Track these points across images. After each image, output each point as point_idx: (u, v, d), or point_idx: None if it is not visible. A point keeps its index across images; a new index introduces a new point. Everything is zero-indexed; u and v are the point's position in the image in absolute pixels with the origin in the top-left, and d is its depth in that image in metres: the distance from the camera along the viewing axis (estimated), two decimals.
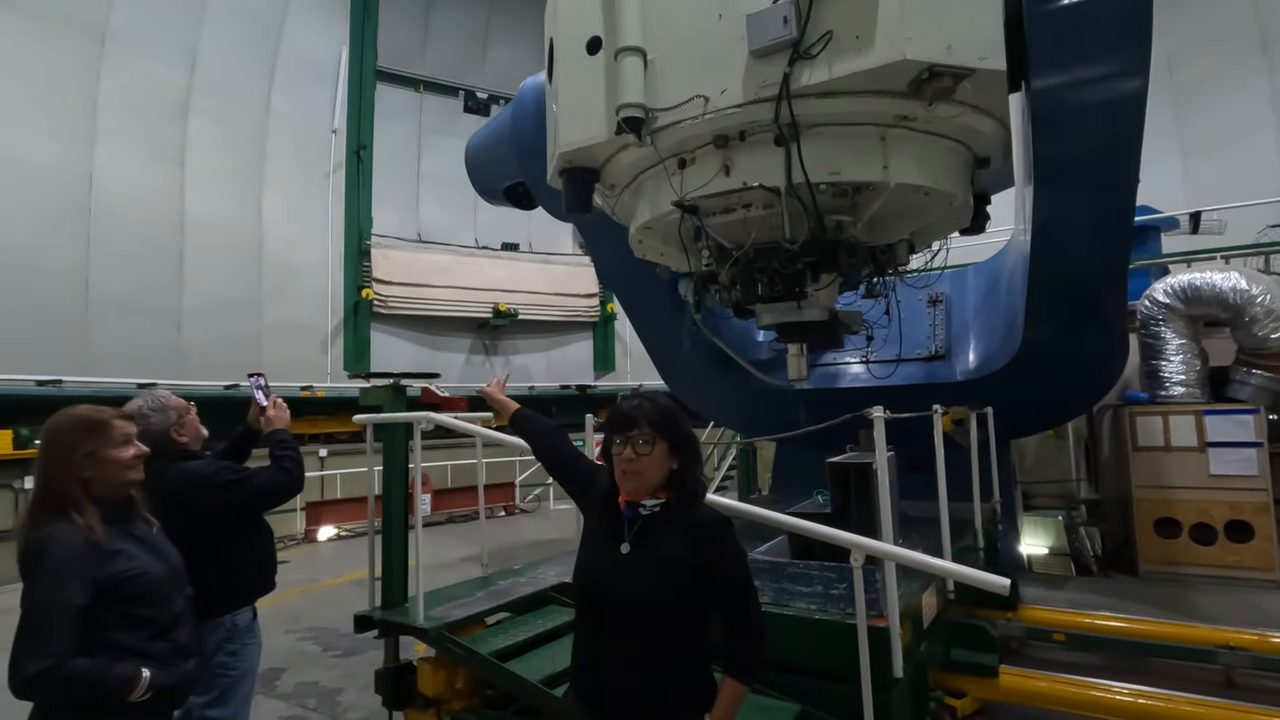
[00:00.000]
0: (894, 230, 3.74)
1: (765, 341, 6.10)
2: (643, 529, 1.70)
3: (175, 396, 2.53)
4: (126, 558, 1.84)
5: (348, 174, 13.55)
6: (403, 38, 14.31)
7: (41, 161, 9.74)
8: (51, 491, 1.81)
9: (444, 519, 11.44)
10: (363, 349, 13.46)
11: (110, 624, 1.77)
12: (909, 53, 2.69)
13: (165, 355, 10.75)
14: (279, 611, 6.34)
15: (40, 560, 1.71)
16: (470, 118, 15.27)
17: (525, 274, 15.49)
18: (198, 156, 11.50)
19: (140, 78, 10.78)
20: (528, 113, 5.02)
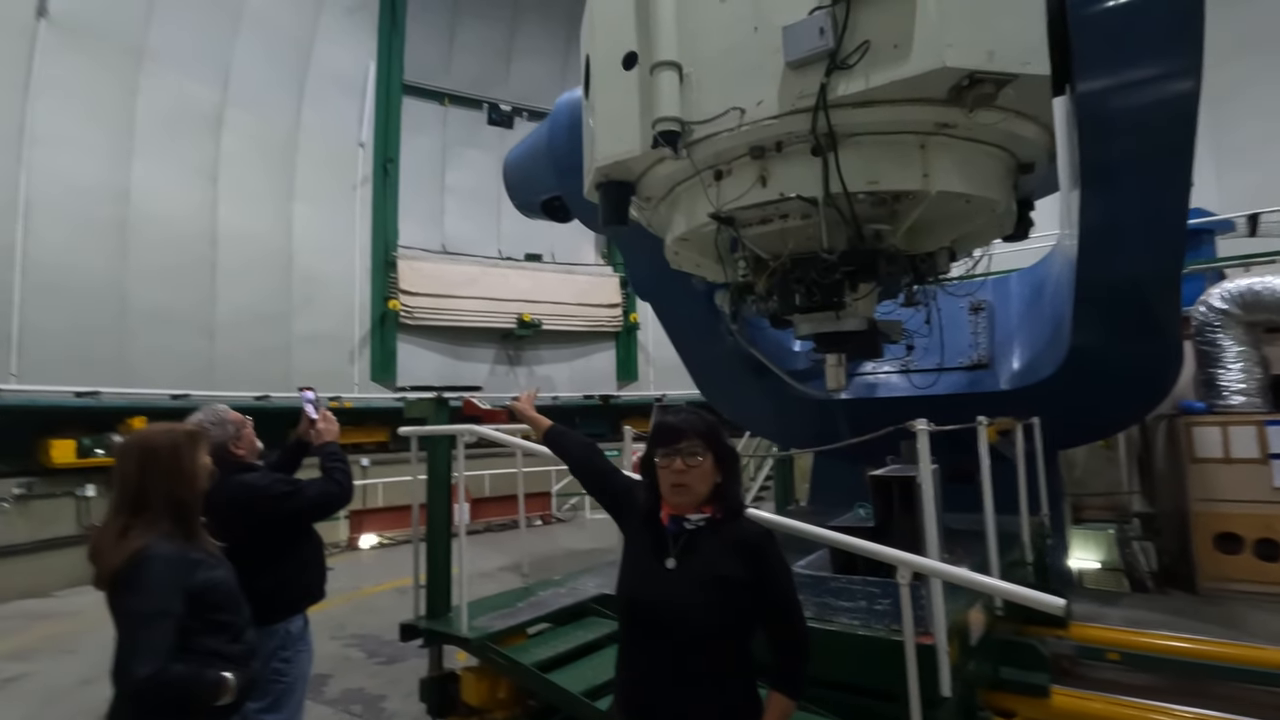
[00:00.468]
0: (934, 238, 3.69)
1: (803, 351, 6.05)
2: (687, 544, 1.69)
3: (233, 411, 2.62)
4: (206, 566, 1.92)
5: (374, 186, 13.76)
6: (428, 52, 14.55)
7: (81, 177, 9.93)
8: (147, 503, 1.88)
9: (482, 528, 11.55)
10: (389, 360, 13.61)
11: (197, 630, 1.84)
12: (949, 60, 2.66)
13: (198, 366, 10.97)
14: (324, 618, 6.48)
15: (141, 570, 1.78)
16: (494, 130, 15.47)
17: (549, 284, 15.59)
18: (231, 171, 11.73)
19: (176, 94, 11.04)
20: (564, 128, 5.09)
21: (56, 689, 5.11)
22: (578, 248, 16.59)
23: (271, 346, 11.99)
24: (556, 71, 15.90)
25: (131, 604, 1.78)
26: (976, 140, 3.15)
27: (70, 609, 7.65)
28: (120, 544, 1.83)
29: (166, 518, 1.88)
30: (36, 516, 8.67)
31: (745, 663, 1.69)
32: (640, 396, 15.82)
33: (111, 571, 1.82)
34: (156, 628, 1.75)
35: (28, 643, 6.46)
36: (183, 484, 1.92)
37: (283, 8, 12.39)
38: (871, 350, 4.11)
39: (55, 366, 9.06)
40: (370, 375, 13.33)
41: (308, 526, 2.66)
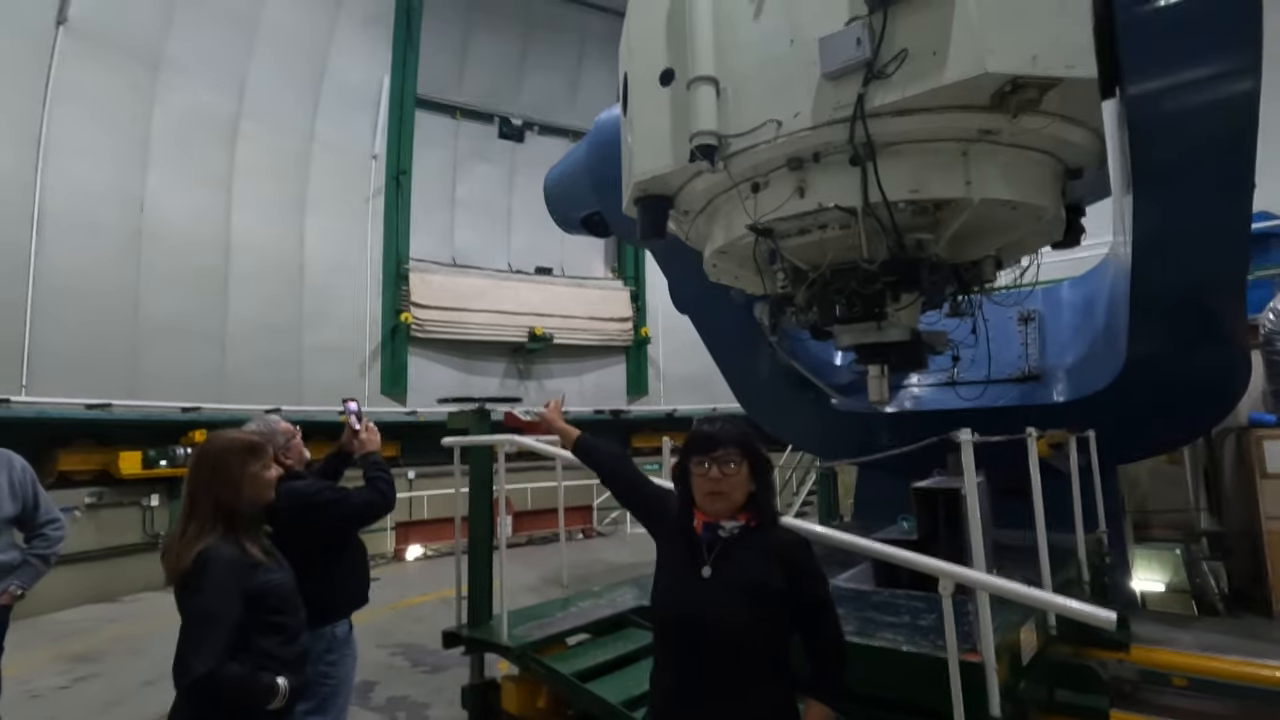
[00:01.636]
0: (979, 247, 3.62)
1: (845, 364, 5.97)
2: (722, 552, 1.69)
3: (284, 422, 2.73)
4: (266, 570, 2.00)
5: (387, 199, 13.68)
6: (441, 66, 14.52)
7: (96, 185, 9.80)
8: (212, 509, 1.97)
9: (524, 540, 11.66)
10: (400, 373, 13.48)
11: (254, 630, 1.92)
12: (991, 65, 2.63)
13: (209, 378, 10.82)
14: (371, 627, 6.62)
15: (204, 573, 1.87)
16: (505, 144, 15.46)
17: (559, 298, 15.47)
18: (244, 182, 11.65)
19: (192, 104, 10.97)
20: (602, 145, 5.17)
21: (122, 689, 5.34)
22: (588, 261, 16.47)
23: (282, 358, 11.87)
24: (568, 86, 15.90)
25: (193, 603, 1.87)
26: (1021, 146, 3.09)
27: (136, 613, 7.99)
28: (185, 546, 1.93)
29: (217, 521, 1.97)
30: (106, 525, 9.10)
31: (782, 671, 1.68)
32: (651, 411, 15.61)
33: (177, 572, 1.92)
34: (214, 627, 1.83)
35: (97, 645, 6.77)
36: (228, 491, 2.00)
37: (298, 19, 12.38)
38: (915, 362, 4.04)
39: (66, 378, 8.97)
40: (380, 388, 13.21)
41: (353, 534, 2.75)
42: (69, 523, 8.24)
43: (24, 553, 3.09)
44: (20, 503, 3.05)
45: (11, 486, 3.02)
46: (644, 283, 16.50)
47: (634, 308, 16.28)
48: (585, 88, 16.02)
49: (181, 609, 1.88)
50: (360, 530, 2.80)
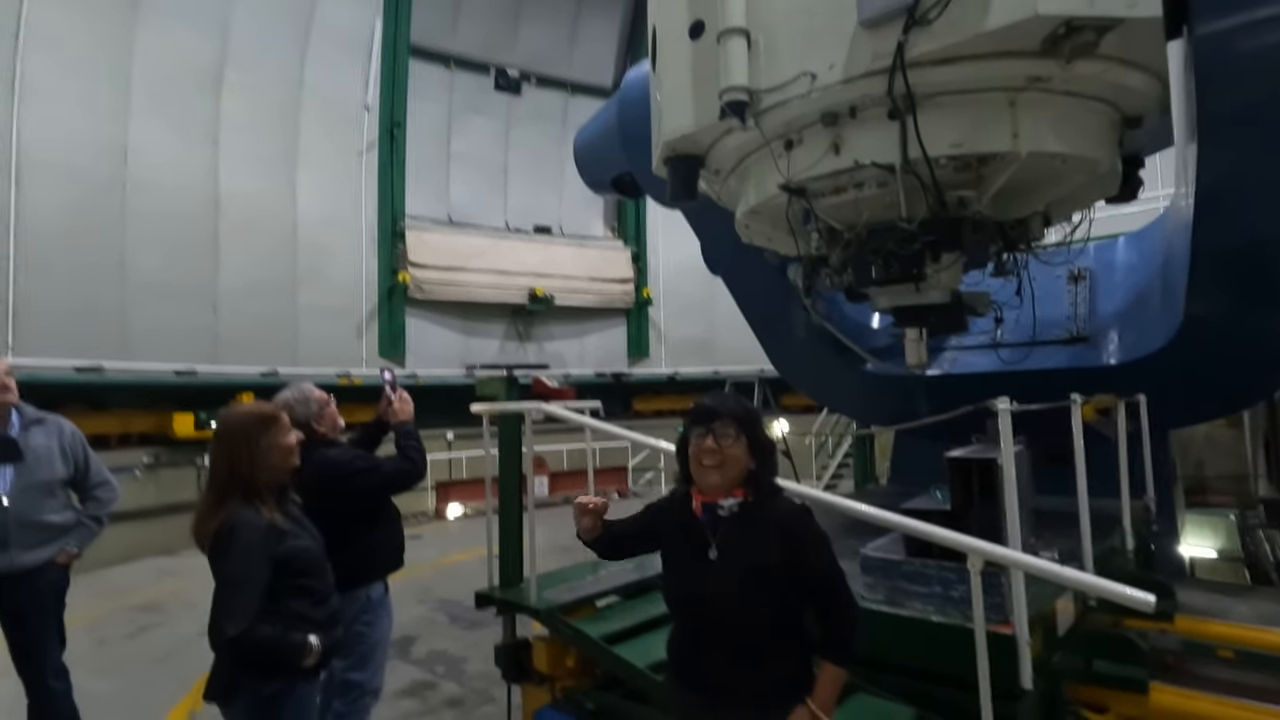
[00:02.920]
0: (1026, 203, 3.43)
1: (882, 326, 5.81)
2: (726, 532, 1.72)
3: (317, 390, 2.78)
4: (293, 536, 2.06)
5: (380, 153, 12.91)
6: (434, 13, 13.63)
7: (77, 133, 9.20)
8: (236, 478, 2.03)
9: (560, 501, 11.88)
10: (399, 335, 13.00)
11: (284, 593, 1.99)
12: (1042, 7, 2.44)
13: (202, 339, 10.37)
14: (412, 584, 6.86)
15: (230, 539, 1.94)
16: (501, 96, 14.78)
17: (560, 258, 14.99)
18: (231, 132, 10.99)
19: (173, 49, 10.24)
20: (632, 103, 5.03)
21: (180, 639, 5.66)
22: (586, 220, 16.02)
23: (277, 319, 11.42)
24: (566, 36, 15.19)
25: (222, 568, 1.93)
26: (1074, 94, 2.89)
27: (192, 567, 8.38)
28: (212, 514, 2.00)
29: (236, 491, 2.02)
30: (164, 483, 9.56)
31: (794, 639, 1.73)
32: (652, 374, 15.42)
33: (206, 539, 1.98)
34: (243, 591, 1.90)
35: (157, 596, 7.17)
36: (243, 462, 2.04)
37: None
38: (955, 324, 3.89)
39: (54, 338, 8.55)
40: (378, 351, 12.81)
41: (386, 500, 2.80)
42: (129, 481, 8.73)
43: (78, 514, 3.25)
44: (72, 466, 3.19)
45: (63, 450, 3.15)
46: (645, 243, 16.12)
47: (635, 269, 15.92)
48: (583, 39, 15.38)
49: (214, 574, 1.95)
50: (393, 496, 2.85)
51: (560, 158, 15.61)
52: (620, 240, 16.13)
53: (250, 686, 1.96)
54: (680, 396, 14.93)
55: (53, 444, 3.12)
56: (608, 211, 16.35)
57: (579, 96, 15.58)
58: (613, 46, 15.82)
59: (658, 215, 15.84)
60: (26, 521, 2.99)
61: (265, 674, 1.96)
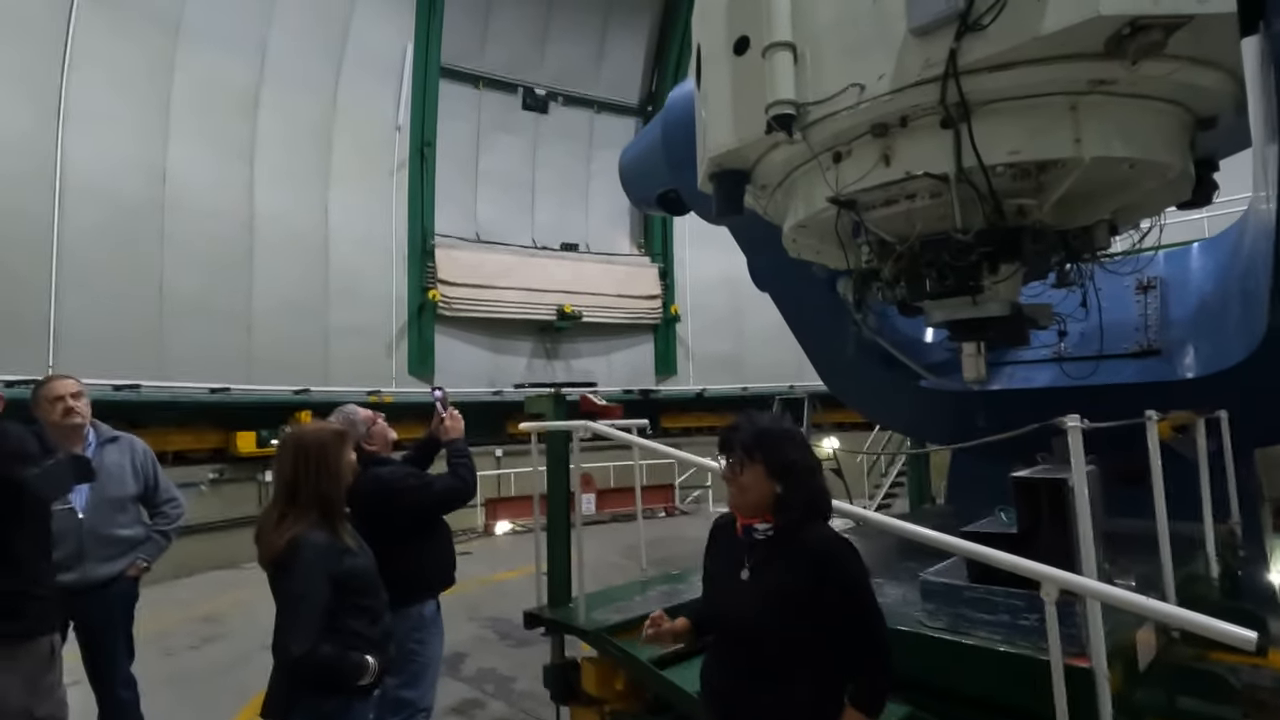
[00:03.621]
0: (1091, 211, 3.29)
1: (936, 340, 5.64)
2: (761, 555, 1.71)
3: (363, 409, 2.84)
4: (351, 554, 2.09)
5: (411, 172, 13.07)
6: (463, 34, 13.86)
7: (118, 156, 9.38)
8: (314, 497, 2.07)
9: (608, 518, 11.85)
10: (427, 353, 13.02)
11: (341, 612, 2.02)
12: (1104, 8, 2.34)
13: (236, 358, 10.46)
14: (461, 600, 6.91)
15: (296, 557, 1.98)
16: (528, 115, 14.94)
17: (588, 275, 14.96)
18: (267, 153, 11.21)
19: (212, 72, 10.51)
20: (677, 121, 5.04)
21: (242, 651, 5.82)
22: (613, 237, 16.03)
23: (308, 338, 11.53)
24: (592, 55, 15.32)
25: (288, 587, 1.97)
26: (1141, 96, 2.76)
27: (254, 579, 8.64)
28: (278, 531, 2.03)
29: (314, 509, 2.06)
30: (227, 498, 9.92)
31: (819, 665, 1.68)
32: (680, 391, 15.26)
33: (271, 556, 2.02)
34: (308, 610, 1.93)
35: (220, 608, 7.41)
36: (328, 479, 2.09)
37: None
38: (1016, 338, 3.75)
39: (92, 357, 8.57)
40: (408, 369, 12.82)
41: (437, 518, 2.83)
42: (195, 496, 9.06)
43: (148, 529, 3.38)
44: (142, 482, 3.32)
45: (134, 468, 3.29)
46: (672, 259, 16.03)
47: (662, 285, 15.85)
48: (610, 57, 15.52)
49: (275, 591, 1.99)
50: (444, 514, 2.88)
51: (587, 175, 15.79)
52: (647, 257, 16.15)
53: (308, 704, 1.99)
54: (708, 414, 14.80)
55: (125, 461, 3.26)
56: (634, 228, 16.39)
57: (605, 114, 15.79)
58: (639, 65, 16.03)
59: (685, 231, 15.84)
60: (100, 535, 3.12)
61: (323, 692, 1.98)
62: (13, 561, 2.12)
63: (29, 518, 2.18)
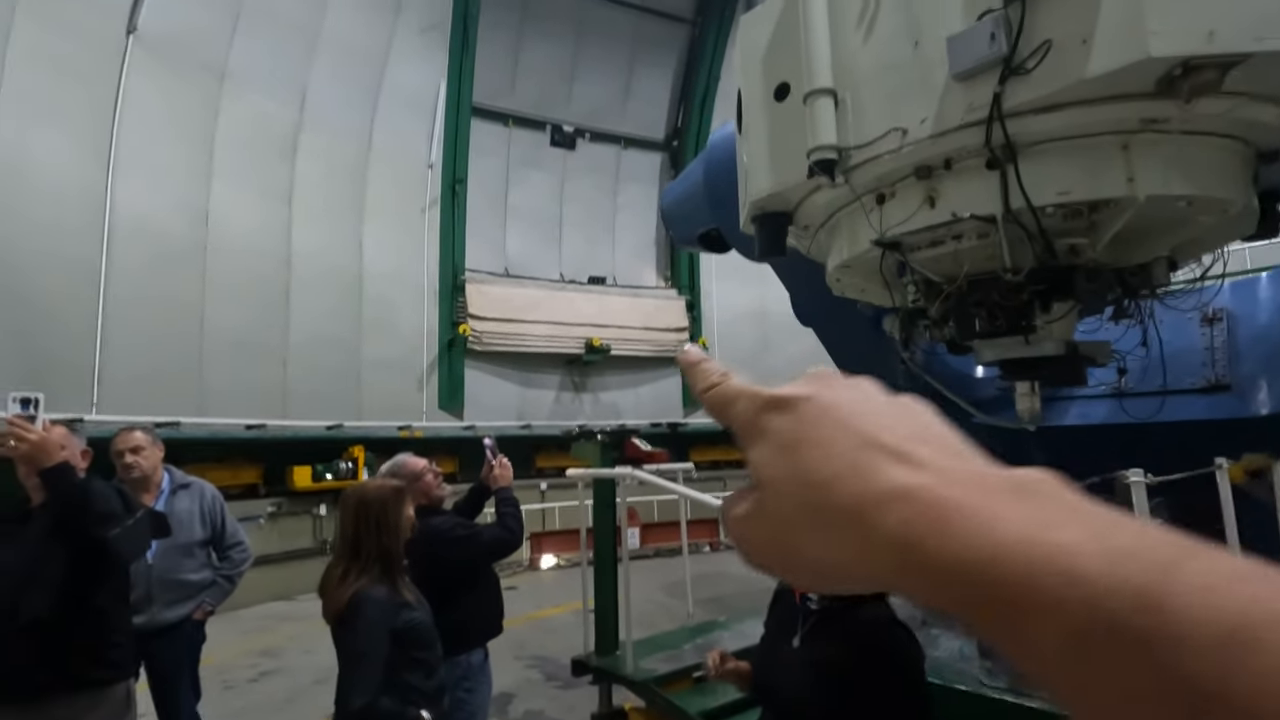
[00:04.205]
0: (1148, 248, 3.19)
1: (987, 377, 5.49)
2: (813, 624, 1.66)
3: (414, 459, 2.91)
4: (410, 609, 2.14)
5: (443, 208, 13.39)
6: (493, 73, 14.27)
7: (164, 199, 9.71)
8: (377, 554, 2.12)
9: (652, 553, 11.74)
10: (457, 387, 13.16)
11: (399, 666, 2.05)
12: (1154, 49, 2.30)
13: (272, 394, 10.68)
14: (507, 638, 6.84)
15: (358, 613, 2.03)
16: (556, 151, 15.33)
17: (615, 308, 15.09)
18: (305, 193, 11.56)
19: (255, 114, 10.93)
20: (719, 162, 5.11)
21: (298, 686, 5.94)
22: (639, 270, 16.22)
23: (342, 373, 11.76)
24: (619, 92, 15.75)
25: (351, 642, 2.02)
26: (1197, 133, 2.69)
27: (309, 612, 8.84)
28: (341, 587, 2.09)
29: (376, 564, 2.12)
30: (284, 531, 10.21)
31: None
32: (708, 425, 14.93)
33: (335, 611, 2.08)
34: (369, 665, 1.97)
35: (276, 641, 7.58)
36: (389, 535, 2.15)
37: (358, 28, 12.29)
38: (1072, 377, 3.63)
39: (135, 396, 8.72)
40: (438, 403, 12.94)
41: (485, 567, 2.87)
42: (254, 530, 9.34)
43: (215, 572, 3.51)
44: (210, 528, 3.47)
45: (203, 513, 3.44)
46: (699, 291, 16.02)
47: (690, 317, 15.93)
48: (636, 94, 15.96)
49: (338, 645, 2.04)
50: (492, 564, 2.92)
51: (613, 209, 16.08)
52: (674, 289, 16.23)
53: None
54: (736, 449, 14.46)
55: (194, 507, 3.41)
56: (660, 260, 16.57)
57: (631, 150, 16.16)
58: (664, 101, 16.47)
59: (711, 264, 15.93)
60: (167, 580, 3.26)
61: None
62: (96, 613, 2.23)
63: (111, 573, 2.31)
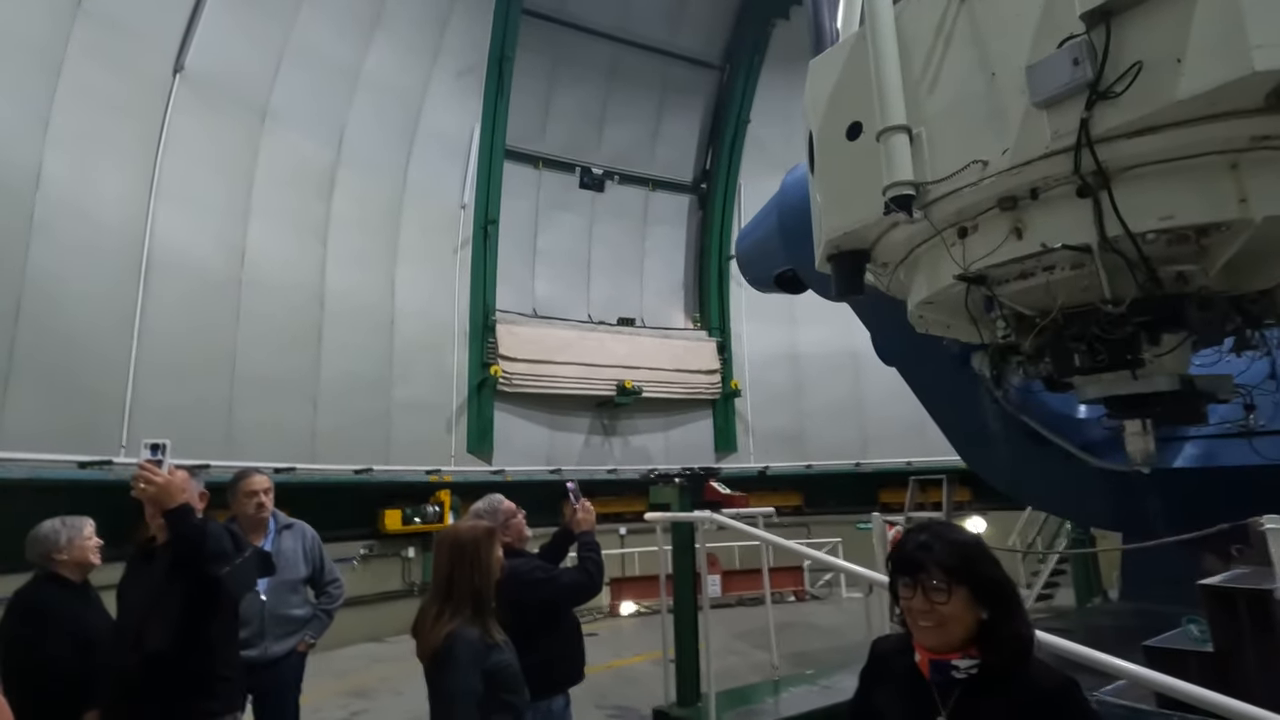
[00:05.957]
0: (1269, 273, 2.94)
1: (1092, 416, 5.13)
2: (963, 700, 1.39)
3: (506, 501, 2.98)
4: (499, 651, 2.16)
5: (474, 249, 13.30)
6: (525, 116, 14.37)
7: (203, 237, 9.60)
8: (470, 594, 2.15)
9: (734, 601, 11.41)
10: (486, 430, 12.84)
11: (490, 710, 2.07)
12: (1260, 63, 2.17)
13: (301, 436, 10.37)
14: (589, 686, 6.72)
15: (451, 653, 2.05)
16: (585, 193, 15.31)
17: (645, 350, 14.70)
18: (340, 232, 11.45)
19: (294, 153, 10.83)
20: (792, 204, 5.12)
21: None
22: (668, 312, 15.95)
23: (372, 416, 11.53)
24: (648, 135, 15.85)
25: (445, 684, 2.05)
26: None
27: (399, 654, 9.05)
28: (435, 627, 2.13)
29: (469, 604, 2.15)
30: (374, 573, 10.57)
31: None
32: (740, 469, 14.52)
33: (430, 651, 2.12)
34: (465, 705, 1.99)
35: (367, 681, 7.78)
36: (481, 575, 2.18)
37: (397, 70, 12.41)
38: (1188, 415, 3.35)
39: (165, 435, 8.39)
40: (467, 446, 12.62)
41: (566, 611, 2.87)
42: (348, 571, 9.67)
43: (314, 608, 3.70)
44: (311, 566, 3.67)
45: (305, 552, 3.65)
46: (729, 333, 15.67)
47: (721, 359, 15.49)
48: (665, 137, 16.06)
49: (431, 686, 2.07)
50: (572, 608, 2.92)
51: (642, 252, 16.13)
52: (704, 330, 15.95)
53: None
54: (770, 493, 13.91)
55: (298, 546, 3.63)
56: (689, 302, 16.38)
57: (660, 192, 16.26)
58: (693, 144, 16.60)
59: (742, 305, 15.74)
60: (277, 615, 3.47)
61: None
62: (207, 647, 2.38)
63: (222, 609, 2.47)
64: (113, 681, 2.39)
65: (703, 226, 16.55)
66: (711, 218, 16.31)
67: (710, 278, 16.11)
